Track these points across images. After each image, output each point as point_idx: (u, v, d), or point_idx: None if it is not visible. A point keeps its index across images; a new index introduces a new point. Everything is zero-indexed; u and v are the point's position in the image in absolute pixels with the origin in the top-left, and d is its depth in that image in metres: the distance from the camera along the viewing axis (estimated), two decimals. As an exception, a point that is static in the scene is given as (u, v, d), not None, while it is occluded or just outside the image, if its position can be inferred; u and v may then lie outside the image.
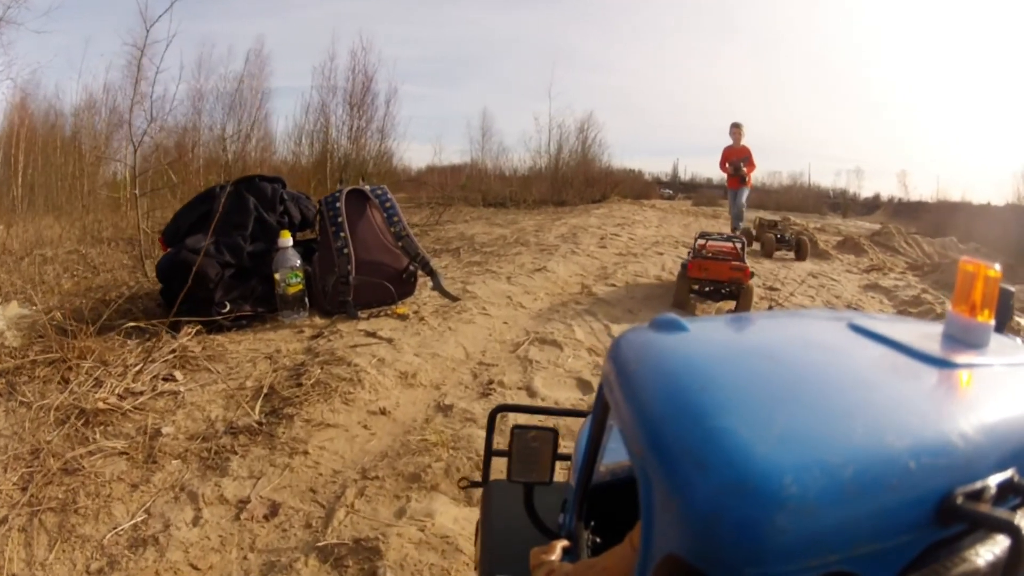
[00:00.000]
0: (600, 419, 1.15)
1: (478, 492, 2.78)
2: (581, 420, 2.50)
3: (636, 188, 25.76)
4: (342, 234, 5.63)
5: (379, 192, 6.19)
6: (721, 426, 0.67)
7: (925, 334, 0.89)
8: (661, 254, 9.48)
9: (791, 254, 10.70)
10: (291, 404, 3.73)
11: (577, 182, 20.97)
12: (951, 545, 0.66)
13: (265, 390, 3.94)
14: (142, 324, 4.78)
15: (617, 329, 5.63)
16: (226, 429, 3.54)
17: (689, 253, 7.22)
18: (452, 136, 42.55)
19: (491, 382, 4.25)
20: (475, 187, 20.44)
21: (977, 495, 0.64)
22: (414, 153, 36.44)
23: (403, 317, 5.45)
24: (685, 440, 0.67)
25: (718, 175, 10.48)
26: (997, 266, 0.83)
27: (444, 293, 6.09)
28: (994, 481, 0.65)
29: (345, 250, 5.58)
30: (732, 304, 6.63)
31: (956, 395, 0.78)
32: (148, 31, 7.04)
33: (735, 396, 0.74)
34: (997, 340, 0.88)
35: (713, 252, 6.85)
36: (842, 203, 34.57)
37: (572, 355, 4.95)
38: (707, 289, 6.56)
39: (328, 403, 3.74)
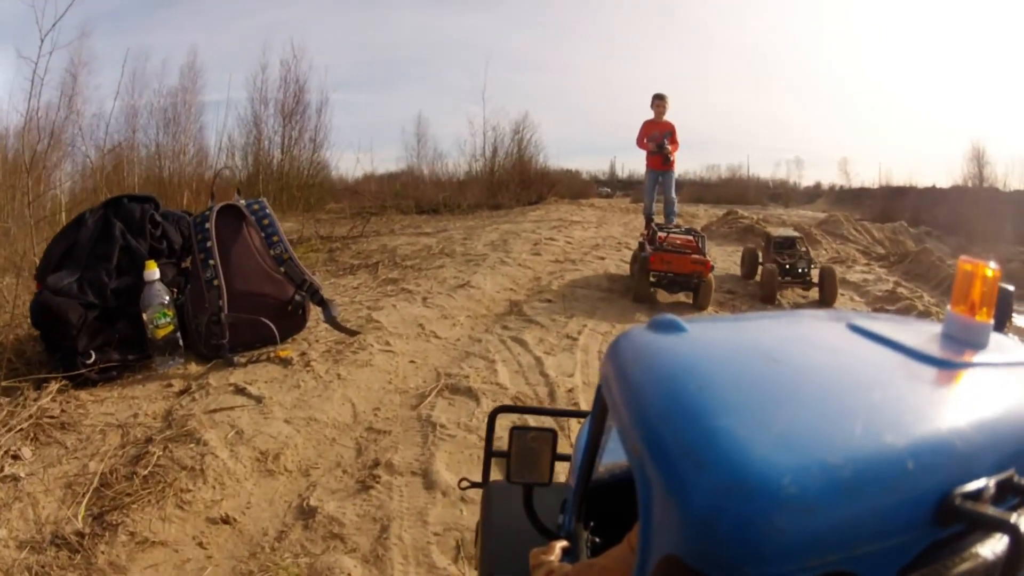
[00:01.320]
0: (599, 419, 1.15)
1: None
2: (580, 421, 2.46)
3: (574, 188, 25.57)
4: (211, 262, 4.78)
5: (256, 207, 5.25)
6: (719, 426, 0.66)
7: (924, 334, 0.90)
8: (602, 259, 8.80)
9: (808, 294, 7.77)
10: (119, 506, 2.90)
11: (512, 184, 20.53)
12: (950, 545, 0.66)
13: (95, 482, 3.11)
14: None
15: (552, 363, 4.92)
16: (52, 538, 2.79)
17: (641, 244, 7.27)
18: (389, 143, 41.30)
19: (377, 463, 3.41)
20: (409, 194, 19.97)
21: (976, 495, 0.63)
22: (351, 162, 37.70)
23: (286, 362, 4.61)
24: (683, 440, 0.67)
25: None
26: (994, 265, 0.83)
27: (337, 327, 5.14)
28: (993, 481, 0.65)
29: (215, 282, 4.74)
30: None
31: (955, 395, 0.78)
32: (42, 41, 6.18)
33: (733, 396, 0.74)
34: (996, 340, 0.88)
35: (674, 245, 6.83)
36: (783, 193, 35.01)
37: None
38: (665, 282, 6.67)
39: (160, 506, 2.92)
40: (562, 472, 1.77)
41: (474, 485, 2.08)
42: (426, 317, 5.98)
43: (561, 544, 1.28)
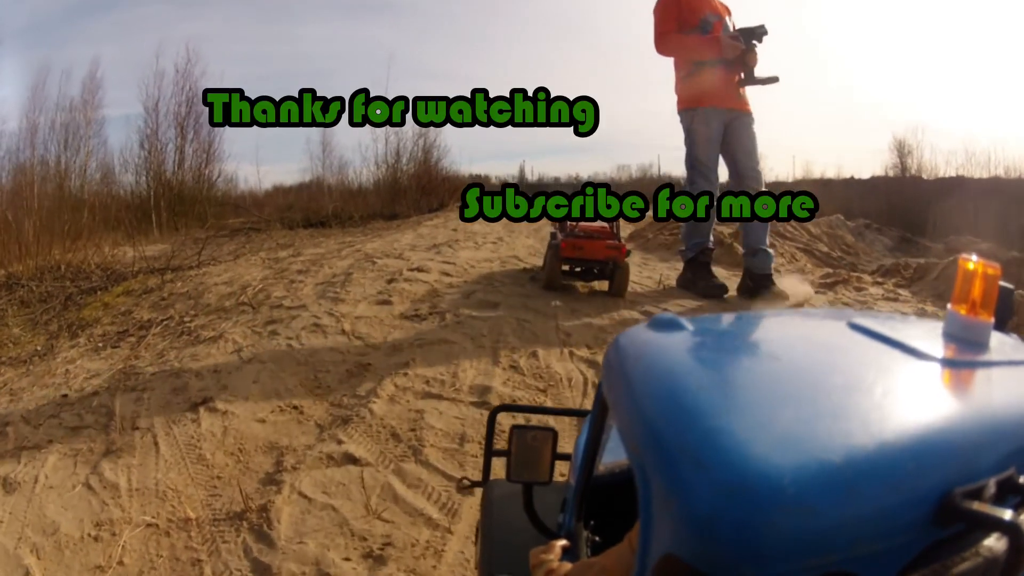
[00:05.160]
0: (599, 419, 1.03)
1: None
2: (581, 420, 2.29)
3: (482, 194, 21.95)
4: None
5: None
6: (720, 426, 0.59)
7: (925, 333, 0.80)
8: (495, 305, 4.60)
9: None
10: None
11: (412, 191, 17.49)
12: (951, 545, 0.59)
13: None
14: None
15: None
16: None
17: (553, 235, 5.76)
18: (299, 153, 36.37)
19: None
20: (303, 206, 17.11)
21: (977, 494, 0.57)
22: (262, 174, 33.52)
23: None
24: (683, 440, 0.60)
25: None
26: (989, 262, 0.75)
27: None
28: (994, 480, 0.59)
29: None
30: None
31: (956, 394, 0.69)
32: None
33: (734, 395, 0.66)
34: (997, 338, 0.79)
35: (586, 231, 5.38)
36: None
37: None
38: (578, 269, 5.26)
39: None
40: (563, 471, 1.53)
41: (474, 484, 1.83)
42: (58, 533, 2.27)
43: (561, 543, 1.09)
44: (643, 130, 44.91)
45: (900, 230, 14.35)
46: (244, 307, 5.07)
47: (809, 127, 39.64)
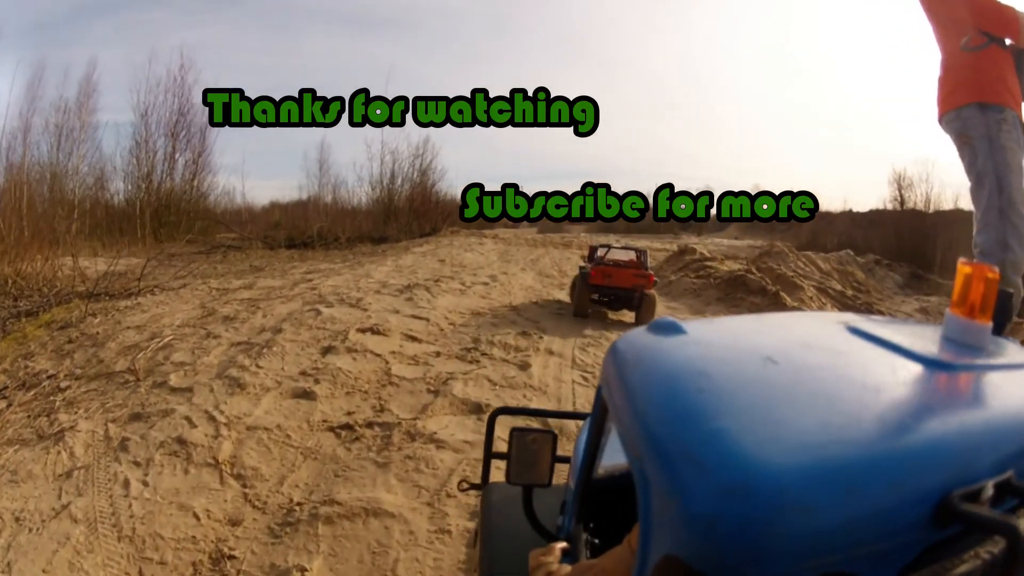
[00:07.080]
0: (599, 421, 0.95)
1: None
2: (580, 422, 2.14)
3: (479, 216, 20.59)
4: None
5: None
6: (719, 428, 0.54)
7: (924, 336, 0.74)
8: (477, 409, 2.90)
9: None
10: None
11: (404, 215, 16.44)
12: (950, 546, 0.53)
13: None
14: None
15: None
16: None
17: (581, 267, 5.63)
18: (296, 170, 34.95)
19: None
20: (290, 224, 16.13)
21: (975, 496, 0.51)
22: (262, 189, 33.71)
23: None
24: (683, 442, 0.54)
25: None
26: (988, 265, 0.67)
27: None
28: (992, 483, 0.53)
29: None
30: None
31: (954, 397, 0.64)
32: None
33: (733, 398, 0.60)
34: (995, 342, 0.72)
35: (615, 260, 5.43)
36: (694, 222, 30.60)
37: None
38: (607, 299, 5.18)
39: None
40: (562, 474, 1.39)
41: (473, 487, 1.74)
42: None
43: (561, 545, 1.00)
44: (641, 159, 43.41)
45: (910, 266, 12.93)
46: (128, 377, 3.56)
47: (807, 157, 38.00)
